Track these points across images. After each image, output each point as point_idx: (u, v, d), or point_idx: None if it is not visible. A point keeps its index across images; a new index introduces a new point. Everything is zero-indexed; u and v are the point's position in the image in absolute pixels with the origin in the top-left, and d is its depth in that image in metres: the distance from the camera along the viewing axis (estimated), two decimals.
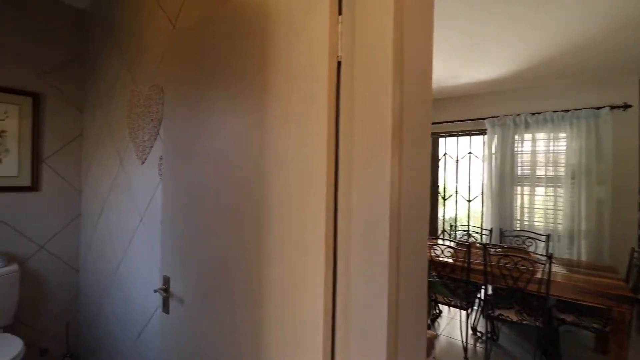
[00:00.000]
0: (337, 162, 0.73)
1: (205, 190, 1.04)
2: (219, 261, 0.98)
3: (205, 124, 1.05)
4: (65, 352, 2.15)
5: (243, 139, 0.92)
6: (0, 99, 1.90)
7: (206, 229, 1.03)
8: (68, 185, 2.20)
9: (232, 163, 0.95)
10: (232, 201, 0.94)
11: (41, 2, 2.04)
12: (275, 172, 0.82)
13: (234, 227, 0.94)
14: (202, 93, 1.06)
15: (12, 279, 1.88)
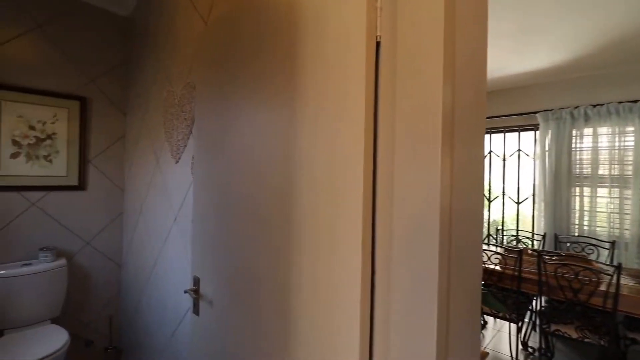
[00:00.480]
0: (376, 159, 0.64)
1: (232, 190, 0.99)
2: (247, 263, 0.92)
3: (232, 121, 1.00)
4: (108, 345, 2.25)
5: (270, 136, 0.85)
6: (51, 103, 2.02)
7: (234, 229, 0.98)
8: (112, 184, 2.29)
9: (259, 161, 0.89)
10: (260, 201, 0.87)
11: (90, 12, 2.15)
12: (305, 171, 0.74)
13: (261, 228, 0.87)
14: (229, 90, 1.01)
15: (61, 273, 1.99)
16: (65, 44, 2.06)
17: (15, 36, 1.89)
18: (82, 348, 2.16)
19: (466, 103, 0.62)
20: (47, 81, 2.00)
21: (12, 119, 1.89)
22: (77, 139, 2.13)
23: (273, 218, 0.83)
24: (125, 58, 2.32)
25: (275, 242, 0.82)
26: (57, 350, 1.66)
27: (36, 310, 1.87)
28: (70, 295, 2.09)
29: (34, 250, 1.96)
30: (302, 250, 0.74)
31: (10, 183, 1.89)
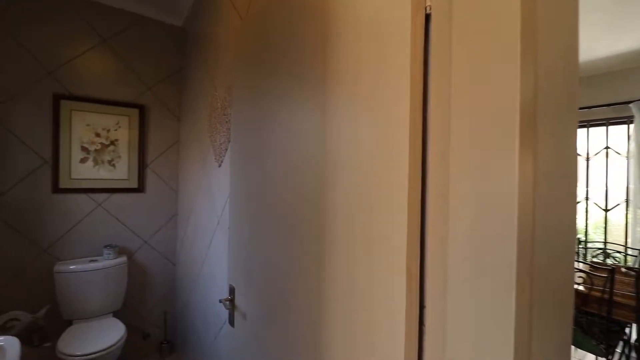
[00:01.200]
0: (425, 165, 0.50)
1: (266, 197, 0.91)
2: (280, 278, 0.84)
3: (265, 123, 0.92)
4: (163, 339, 2.37)
5: (300, 136, 0.76)
6: (114, 112, 2.18)
7: (267, 239, 0.90)
8: (167, 187, 2.41)
9: (292, 167, 0.79)
10: (294, 210, 0.78)
11: (149, 25, 2.28)
12: (340, 177, 0.63)
13: (295, 240, 0.78)
14: (262, 90, 0.94)
15: (122, 269, 2.13)
16: (127, 55, 2.21)
17: (84, 51, 2.07)
18: (140, 340, 2.30)
19: (552, 85, 0.45)
20: (110, 91, 2.17)
21: (81, 127, 2.07)
22: (137, 145, 2.27)
23: (307, 229, 0.73)
24: (179, 66, 2.42)
25: (307, 257, 0.72)
26: (114, 343, 1.76)
27: (100, 303, 2.02)
28: (130, 290, 2.23)
29: (99, 248, 2.13)
30: (333, 264, 0.63)
31: (80, 186, 2.08)
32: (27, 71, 1.90)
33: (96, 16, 2.10)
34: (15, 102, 1.87)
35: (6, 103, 1.85)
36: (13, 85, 1.87)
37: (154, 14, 2.30)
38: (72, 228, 2.06)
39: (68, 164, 2.04)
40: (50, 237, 1.99)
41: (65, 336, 1.76)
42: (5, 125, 1.85)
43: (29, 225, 1.93)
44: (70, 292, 1.93)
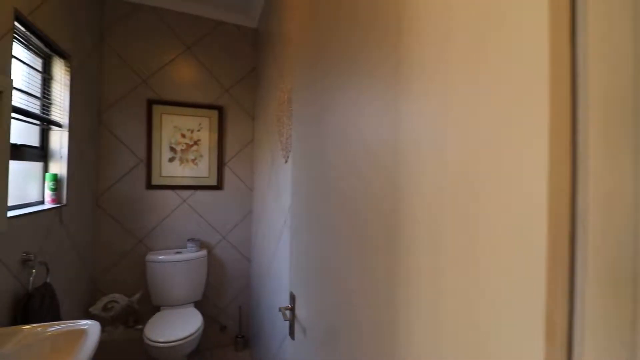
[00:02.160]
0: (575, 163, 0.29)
1: (328, 196, 0.77)
2: (345, 293, 0.68)
3: (325, 115, 0.78)
4: (238, 333, 2.43)
5: (367, 130, 0.59)
6: (197, 114, 2.31)
7: (327, 243, 0.76)
8: (243, 184, 2.48)
9: (356, 161, 0.63)
10: (361, 215, 0.62)
11: (226, 29, 2.38)
12: (419, 176, 0.44)
13: (358, 245, 0.61)
14: (324, 79, 0.79)
15: (202, 262, 2.25)
16: (207, 60, 2.34)
17: (172, 59, 2.24)
18: (218, 332, 2.40)
19: None
20: (193, 94, 2.31)
21: (170, 129, 2.25)
22: (216, 144, 2.38)
23: (375, 236, 0.56)
24: (253, 66, 2.47)
25: (377, 273, 0.55)
26: (193, 333, 1.84)
27: (183, 293, 2.16)
28: (209, 283, 2.35)
29: (183, 241, 2.28)
30: (412, 291, 0.45)
31: (168, 183, 2.26)
32: (126, 81, 2.14)
33: (181, 26, 2.26)
34: (117, 108, 2.12)
35: (111, 110, 2.11)
36: (116, 94, 2.12)
37: (230, 18, 2.38)
38: (161, 221, 2.25)
39: (159, 163, 2.23)
40: (144, 228, 2.21)
41: (152, 322, 1.91)
42: (110, 129, 2.11)
43: (127, 218, 2.16)
44: (158, 280, 2.10)
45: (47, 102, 1.54)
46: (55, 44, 1.46)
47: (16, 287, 1.18)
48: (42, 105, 1.50)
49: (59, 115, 1.60)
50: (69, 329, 1.09)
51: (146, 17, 2.18)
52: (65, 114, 1.62)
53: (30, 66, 1.41)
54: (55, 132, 1.61)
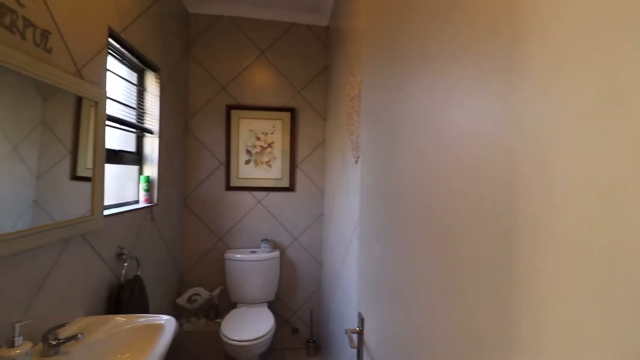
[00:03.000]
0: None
1: (400, 202, 0.62)
2: (422, 318, 0.53)
3: (400, 109, 0.63)
4: (309, 337, 2.39)
5: (459, 122, 0.43)
6: (270, 117, 2.35)
7: (401, 259, 0.61)
8: (314, 186, 2.44)
9: (444, 167, 0.47)
10: (458, 227, 0.46)
11: (297, 30, 2.37)
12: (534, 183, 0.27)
13: (442, 262, 0.46)
14: (398, 64, 0.64)
15: (275, 263, 2.27)
16: (280, 62, 2.36)
17: (247, 65, 2.32)
18: (290, 334, 2.39)
19: None
20: (268, 98, 2.36)
21: (246, 132, 2.33)
22: (288, 146, 2.39)
23: (479, 254, 0.40)
24: (324, 66, 2.41)
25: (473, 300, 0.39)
26: (265, 333, 1.84)
27: (257, 292, 2.20)
28: (282, 284, 2.36)
29: (258, 241, 2.34)
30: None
31: (245, 184, 2.34)
32: (208, 89, 2.29)
33: (256, 32, 2.32)
34: (201, 115, 2.28)
35: (196, 116, 2.28)
36: (200, 102, 2.28)
37: (302, 18, 2.36)
38: (239, 221, 2.35)
39: (236, 165, 2.33)
40: (224, 227, 2.33)
41: (228, 318, 1.98)
42: (195, 134, 2.28)
43: (209, 217, 2.31)
44: (235, 277, 2.19)
45: (141, 112, 1.71)
46: (146, 59, 1.61)
47: (110, 278, 1.31)
48: (138, 114, 1.67)
49: (151, 123, 1.77)
50: (149, 322, 1.15)
51: (225, 27, 2.30)
52: (156, 121, 1.78)
53: (127, 80, 1.58)
54: (148, 138, 1.78)
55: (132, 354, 1.06)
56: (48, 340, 0.89)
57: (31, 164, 0.92)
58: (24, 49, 0.85)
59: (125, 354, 1.07)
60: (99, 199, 1.19)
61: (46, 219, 0.96)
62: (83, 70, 1.10)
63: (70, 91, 1.03)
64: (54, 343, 0.90)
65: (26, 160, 0.90)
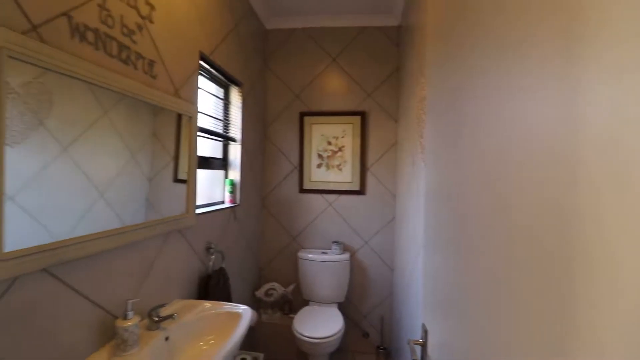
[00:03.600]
0: None
1: (467, 213, 0.58)
2: (496, 338, 0.49)
3: (470, 111, 0.59)
4: (380, 344, 2.35)
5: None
6: (341, 121, 2.40)
7: (467, 269, 0.57)
8: (385, 190, 2.40)
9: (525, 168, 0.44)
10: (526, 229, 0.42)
11: (368, 34, 2.37)
12: None
13: (515, 273, 0.42)
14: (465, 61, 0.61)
15: (345, 265, 2.30)
16: (350, 67, 2.39)
17: (319, 73, 2.42)
18: (360, 337, 2.39)
19: None
20: (338, 102, 2.41)
21: (317, 137, 2.42)
22: (359, 149, 2.40)
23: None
24: (395, 67, 2.35)
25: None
26: (335, 333, 1.89)
27: (327, 292, 2.26)
28: (352, 286, 2.38)
29: (328, 242, 2.40)
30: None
31: (316, 187, 2.43)
32: (283, 98, 2.45)
33: (327, 39, 2.40)
34: (277, 122, 2.46)
35: (273, 124, 2.46)
36: (277, 110, 2.46)
37: (373, 21, 2.35)
38: (311, 222, 2.45)
39: (309, 169, 2.44)
40: (297, 228, 2.45)
41: (300, 314, 2.08)
42: (272, 141, 2.46)
43: (284, 218, 2.46)
44: (307, 276, 2.28)
45: (226, 122, 1.93)
46: (230, 75, 1.81)
47: (200, 268, 1.51)
48: (224, 125, 1.89)
49: (234, 132, 1.98)
50: (230, 310, 1.29)
51: (298, 39, 2.43)
52: (239, 130, 1.98)
53: (215, 95, 1.80)
54: (232, 146, 2.00)
55: (216, 337, 1.20)
56: (152, 317, 1.08)
57: (145, 168, 1.12)
58: (136, 78, 1.05)
59: (210, 335, 1.22)
60: (192, 199, 1.38)
61: (155, 215, 1.16)
62: (180, 90, 1.30)
63: (171, 109, 1.22)
64: (156, 320, 1.08)
65: (141, 165, 1.11)
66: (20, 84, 0.70)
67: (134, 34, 1.03)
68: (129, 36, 1.01)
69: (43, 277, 0.77)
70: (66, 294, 0.83)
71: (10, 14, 0.68)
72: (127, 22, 1.00)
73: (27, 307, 0.74)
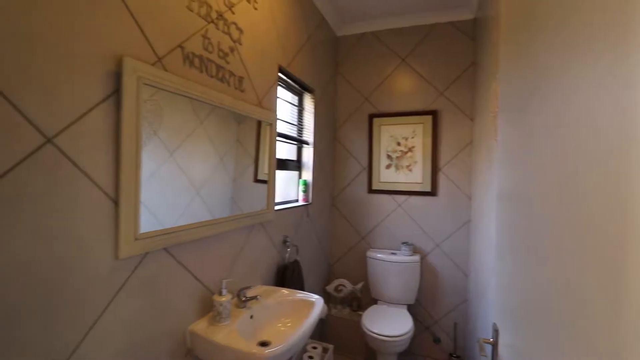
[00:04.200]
0: None
1: (539, 215, 0.58)
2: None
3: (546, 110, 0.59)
4: (453, 351, 2.25)
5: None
6: (411, 121, 2.38)
7: (539, 270, 0.57)
8: (460, 191, 2.30)
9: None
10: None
11: (439, 30, 2.31)
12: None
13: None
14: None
15: (415, 267, 2.27)
16: (420, 67, 2.35)
17: (388, 75, 2.43)
18: (430, 342, 2.33)
19: None
20: (408, 103, 2.39)
21: (386, 138, 2.44)
22: (430, 150, 2.34)
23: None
24: (470, 62, 2.24)
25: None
26: (404, 333, 1.89)
27: (396, 293, 2.26)
28: (422, 289, 2.33)
29: (397, 243, 2.39)
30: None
31: (385, 188, 2.45)
32: (353, 101, 2.53)
33: (396, 41, 2.41)
34: (347, 125, 2.55)
35: (342, 127, 2.56)
36: (346, 113, 2.55)
37: (444, 17, 2.28)
38: (380, 223, 2.47)
39: (377, 170, 2.47)
40: (366, 228, 2.50)
41: (369, 312, 2.13)
42: (341, 143, 2.56)
43: (354, 217, 2.53)
44: (375, 275, 2.32)
45: (300, 127, 2.09)
46: (304, 83, 1.96)
47: (278, 259, 1.67)
48: (298, 129, 2.05)
49: (307, 135, 2.13)
50: (304, 298, 1.41)
51: (367, 42, 2.49)
52: (311, 134, 2.13)
53: (290, 103, 1.97)
54: (305, 149, 2.15)
55: (292, 320, 1.34)
56: (240, 297, 1.26)
57: (230, 170, 1.32)
58: (229, 93, 1.24)
59: (288, 319, 1.36)
60: (272, 196, 1.55)
61: (238, 211, 1.35)
62: (263, 100, 1.48)
63: (255, 118, 1.40)
64: (243, 299, 1.26)
65: (227, 167, 1.30)
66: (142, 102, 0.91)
67: (227, 56, 1.22)
68: (223, 58, 1.20)
69: (163, 255, 0.98)
70: (178, 269, 1.04)
71: (144, 51, 0.90)
72: (222, 46, 1.19)
73: (153, 277, 0.95)
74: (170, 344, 1.02)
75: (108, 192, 0.81)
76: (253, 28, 1.39)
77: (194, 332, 1.08)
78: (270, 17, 1.53)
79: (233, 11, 1.25)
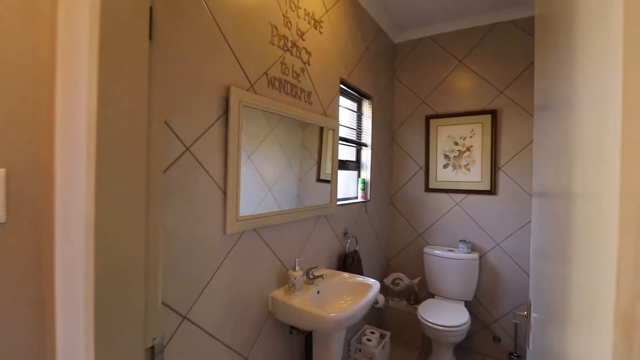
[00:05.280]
0: None
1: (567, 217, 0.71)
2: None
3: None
4: (513, 350, 2.23)
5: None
6: (469, 121, 2.42)
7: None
8: (521, 190, 2.27)
9: None
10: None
11: (497, 30, 2.32)
12: None
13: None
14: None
15: (473, 265, 2.31)
16: (478, 67, 2.38)
17: (445, 76, 2.51)
18: (491, 341, 2.33)
19: None
20: (466, 103, 2.44)
21: (443, 138, 2.51)
22: (489, 149, 2.36)
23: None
24: (531, 59, 2.20)
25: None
26: (460, 325, 1.98)
27: (453, 289, 2.33)
28: (481, 287, 2.35)
29: (455, 241, 2.45)
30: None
31: (443, 187, 2.53)
32: (410, 104, 2.65)
33: (453, 43, 2.47)
34: (404, 127, 2.68)
35: (399, 129, 2.70)
36: (403, 116, 2.69)
37: (503, 16, 2.28)
38: (437, 220, 2.55)
39: (435, 169, 2.56)
40: (423, 225, 2.61)
41: (425, 304, 2.24)
42: (398, 144, 2.70)
43: (411, 214, 2.65)
44: (432, 271, 2.41)
45: (359, 131, 2.30)
46: (362, 91, 2.17)
47: (339, 248, 1.91)
48: (357, 133, 2.27)
49: (365, 138, 2.33)
50: (363, 281, 1.62)
51: (424, 47, 2.59)
52: (369, 137, 2.32)
53: (350, 109, 2.20)
54: (363, 150, 2.36)
55: (353, 298, 1.56)
56: (309, 274, 1.52)
57: (296, 171, 1.58)
58: (300, 106, 1.51)
59: (349, 297, 1.58)
60: (334, 193, 1.79)
61: (302, 205, 1.60)
62: (327, 110, 1.73)
63: (319, 125, 1.66)
64: (311, 277, 1.51)
65: (293, 168, 1.56)
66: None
67: (299, 76, 1.50)
68: (296, 78, 1.48)
69: (254, 235, 1.28)
70: (263, 247, 1.34)
71: (241, 80, 1.20)
72: (295, 69, 1.47)
73: (247, 251, 1.25)
74: (259, 304, 1.32)
75: (220, 185, 1.12)
76: (319, 49, 1.65)
77: (274, 297, 1.37)
78: (332, 36, 1.77)
79: (304, 38, 1.52)
